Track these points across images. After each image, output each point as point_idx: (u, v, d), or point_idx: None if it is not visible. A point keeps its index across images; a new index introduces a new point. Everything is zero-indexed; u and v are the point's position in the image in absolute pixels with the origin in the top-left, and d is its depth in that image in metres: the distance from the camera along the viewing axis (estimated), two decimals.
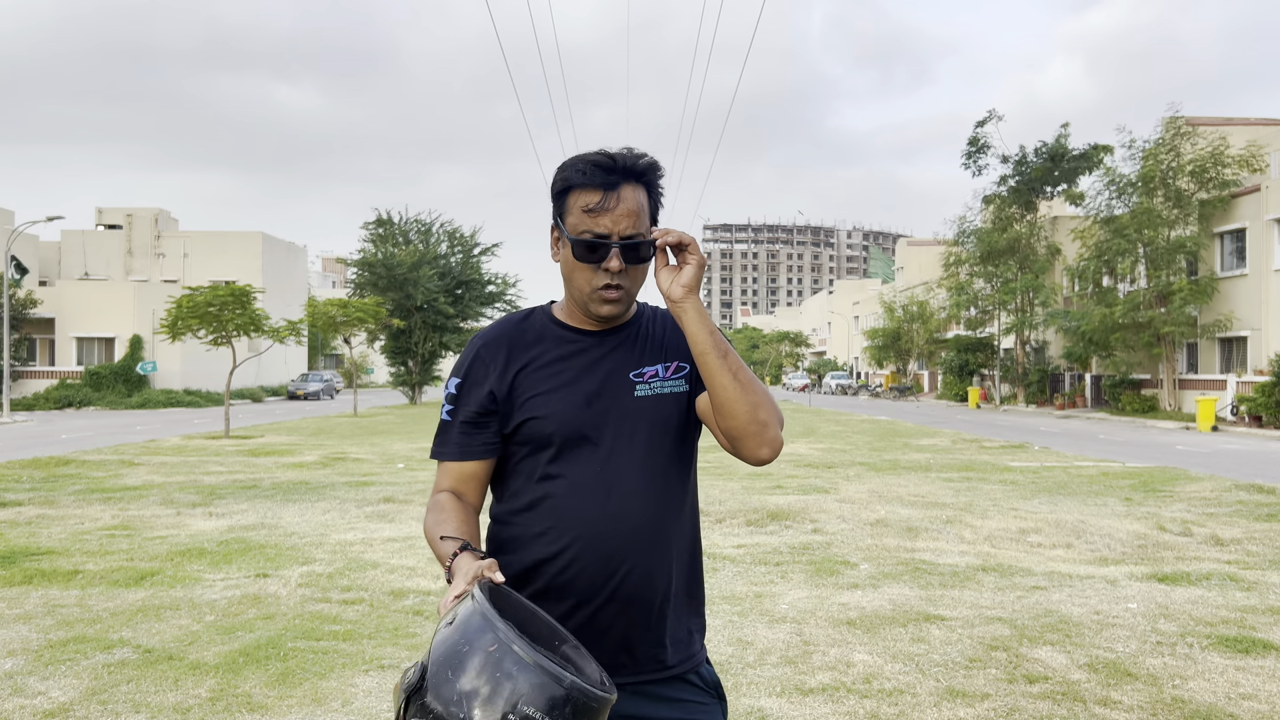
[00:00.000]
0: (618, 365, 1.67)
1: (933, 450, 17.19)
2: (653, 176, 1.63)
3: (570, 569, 1.59)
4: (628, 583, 1.59)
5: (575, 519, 1.60)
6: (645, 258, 1.61)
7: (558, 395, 1.63)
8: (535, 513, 1.63)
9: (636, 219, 1.58)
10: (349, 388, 57.92)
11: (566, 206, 1.61)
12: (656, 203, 1.65)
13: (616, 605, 1.59)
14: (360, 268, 39.94)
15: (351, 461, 14.83)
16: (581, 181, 1.58)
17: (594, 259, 1.59)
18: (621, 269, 1.58)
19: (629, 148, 1.62)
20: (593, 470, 1.61)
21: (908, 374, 58.84)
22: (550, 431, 1.62)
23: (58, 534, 8.13)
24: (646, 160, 1.62)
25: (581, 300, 1.64)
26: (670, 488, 1.66)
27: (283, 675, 4.37)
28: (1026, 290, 37.70)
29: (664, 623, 1.64)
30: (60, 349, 41.68)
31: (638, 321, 1.74)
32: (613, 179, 1.58)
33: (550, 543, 1.60)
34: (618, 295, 1.61)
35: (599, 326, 1.69)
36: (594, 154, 1.60)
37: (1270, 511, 9.50)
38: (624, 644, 1.61)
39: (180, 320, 21.66)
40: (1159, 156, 30.00)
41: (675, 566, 1.66)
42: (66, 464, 14.08)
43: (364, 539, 7.92)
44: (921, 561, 6.99)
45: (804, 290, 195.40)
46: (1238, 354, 29.09)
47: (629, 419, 1.64)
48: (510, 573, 1.61)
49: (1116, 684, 4.30)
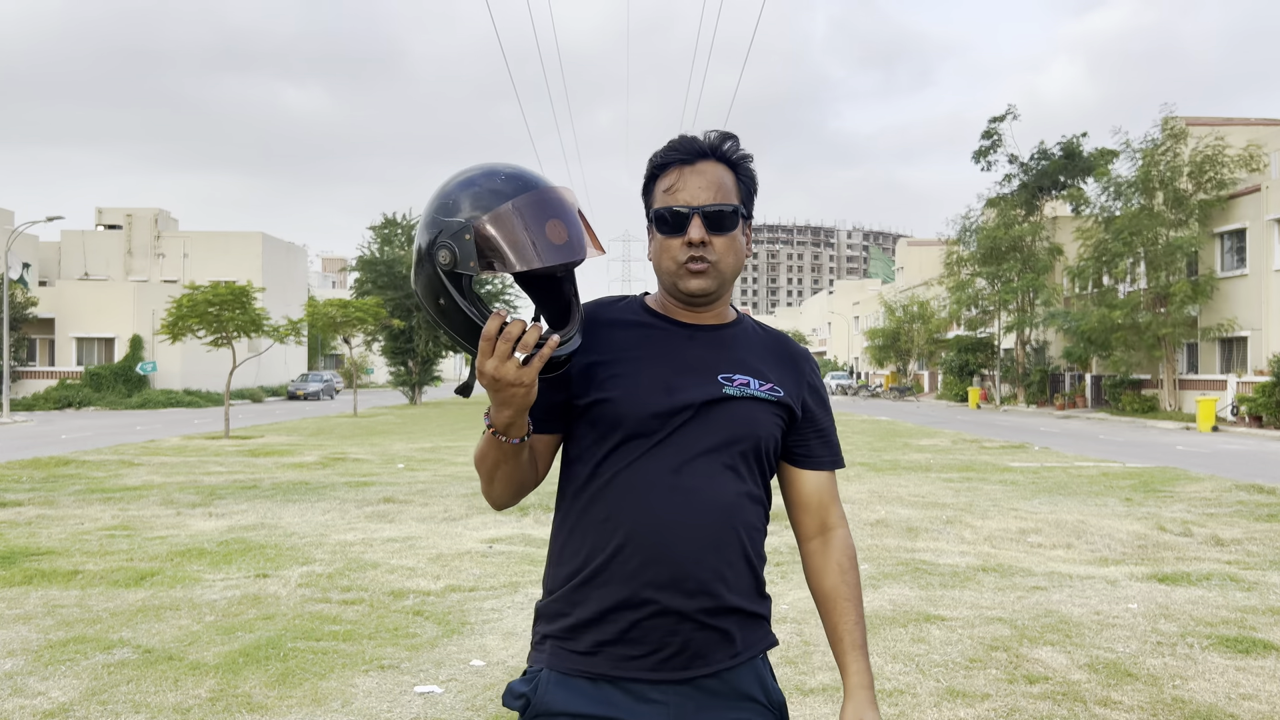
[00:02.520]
0: (707, 362, 1.57)
1: (933, 450, 17.19)
2: (733, 153, 1.59)
3: (631, 562, 1.49)
4: (687, 571, 1.48)
5: (637, 506, 1.49)
6: (730, 228, 1.55)
7: (636, 379, 1.53)
8: (600, 502, 1.53)
9: (718, 190, 1.54)
10: (349, 388, 57.89)
11: (653, 195, 1.59)
12: (748, 185, 1.61)
13: (676, 592, 1.48)
14: (362, 268, 39.97)
15: (351, 462, 14.82)
16: (660, 163, 1.58)
17: (675, 230, 1.54)
18: (704, 239, 1.52)
19: (714, 130, 1.60)
20: (663, 461, 1.50)
21: (908, 374, 58.83)
22: (622, 414, 1.52)
23: (58, 534, 8.13)
24: (723, 136, 1.59)
25: (670, 281, 1.57)
26: (741, 484, 1.55)
27: (283, 675, 4.37)
28: (1027, 290, 37.71)
29: (719, 619, 1.52)
30: (60, 349, 41.67)
31: (737, 326, 1.65)
32: (689, 156, 1.56)
33: (611, 533, 1.51)
34: (704, 267, 1.53)
35: (691, 319, 1.61)
36: (675, 138, 1.60)
37: (1270, 512, 9.50)
38: (681, 647, 1.50)
39: (180, 320, 21.65)
40: (1157, 157, 30.01)
41: (741, 564, 1.54)
42: (66, 464, 14.08)
43: (364, 539, 7.92)
44: (921, 562, 6.99)
45: (804, 290, 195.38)
46: (1238, 354, 29.09)
47: (710, 416, 1.53)
48: (573, 564, 1.54)
49: (1117, 684, 4.29)
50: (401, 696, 4.15)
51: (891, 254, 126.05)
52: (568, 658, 1.52)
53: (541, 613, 1.59)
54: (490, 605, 5.70)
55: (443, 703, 4.08)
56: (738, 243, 1.57)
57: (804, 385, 1.65)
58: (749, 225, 1.63)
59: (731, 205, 1.55)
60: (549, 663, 1.53)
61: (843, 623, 1.61)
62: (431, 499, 10.25)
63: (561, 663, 1.52)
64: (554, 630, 1.54)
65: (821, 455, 1.66)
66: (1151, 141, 30.38)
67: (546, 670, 1.52)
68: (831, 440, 1.68)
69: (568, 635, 1.53)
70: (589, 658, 1.51)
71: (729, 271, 1.57)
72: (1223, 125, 32.52)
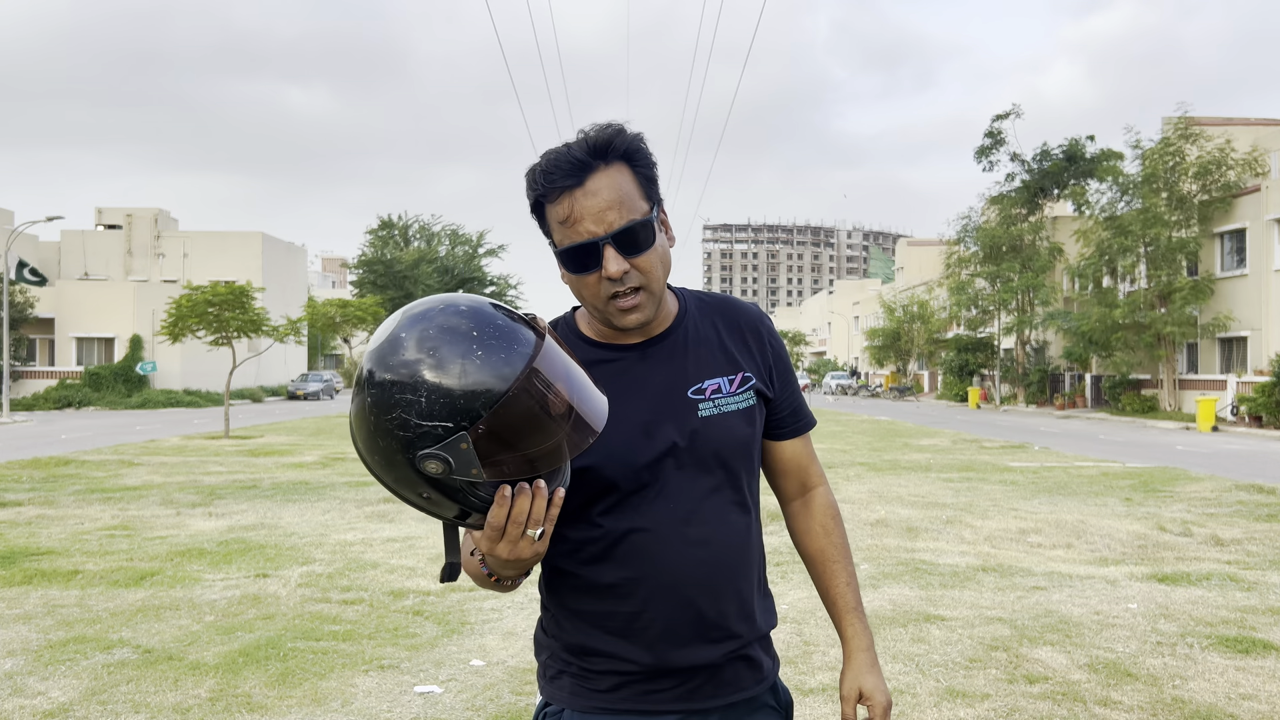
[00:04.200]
0: (671, 382, 1.43)
1: (933, 450, 17.19)
2: (621, 146, 1.35)
3: (652, 620, 1.40)
4: (712, 621, 1.42)
5: (653, 567, 1.39)
6: (649, 242, 1.35)
7: (610, 433, 1.31)
8: (606, 564, 1.41)
9: (620, 205, 1.33)
10: (349, 388, 57.89)
11: (547, 223, 1.38)
12: (647, 173, 1.38)
13: (702, 644, 1.42)
14: (361, 267, 40.00)
15: (351, 461, 14.82)
16: (544, 191, 1.35)
17: (589, 268, 1.35)
18: (625, 269, 1.34)
19: (593, 125, 1.37)
20: (665, 511, 1.40)
21: (908, 374, 58.84)
22: (610, 477, 1.38)
23: (58, 534, 8.13)
24: (609, 133, 1.35)
25: (602, 316, 1.41)
26: (745, 513, 1.48)
27: (282, 675, 4.37)
28: (1027, 290, 37.73)
29: (746, 650, 1.48)
30: (60, 349, 41.66)
31: (684, 320, 1.50)
32: (577, 176, 1.33)
33: (624, 597, 1.41)
34: (636, 301, 1.37)
35: (637, 338, 1.46)
36: (550, 152, 1.36)
37: (1270, 512, 9.50)
38: (708, 677, 1.44)
39: (181, 321, 21.65)
40: (1162, 157, 30.01)
41: (754, 592, 1.49)
42: (66, 464, 14.08)
43: (364, 539, 7.92)
44: (921, 562, 6.99)
45: (804, 290, 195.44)
46: (1238, 354, 29.09)
47: (697, 447, 1.41)
48: (583, 624, 1.45)
49: (1116, 684, 4.29)
50: (401, 696, 4.15)
51: (891, 254, 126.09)
52: (589, 695, 1.44)
53: (553, 639, 1.51)
54: (490, 605, 5.70)
55: (443, 703, 4.08)
56: (660, 249, 1.39)
57: (768, 353, 1.54)
58: (663, 212, 1.43)
59: (643, 217, 1.35)
60: (569, 702, 1.46)
61: (834, 586, 1.58)
62: None
63: (582, 701, 1.45)
64: (571, 666, 1.47)
65: (795, 423, 1.58)
66: (1163, 140, 30.34)
67: (569, 711, 1.45)
68: (800, 406, 1.59)
69: (586, 674, 1.45)
70: (611, 695, 1.44)
71: (662, 286, 1.40)
72: (1223, 125, 32.53)
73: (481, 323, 1.10)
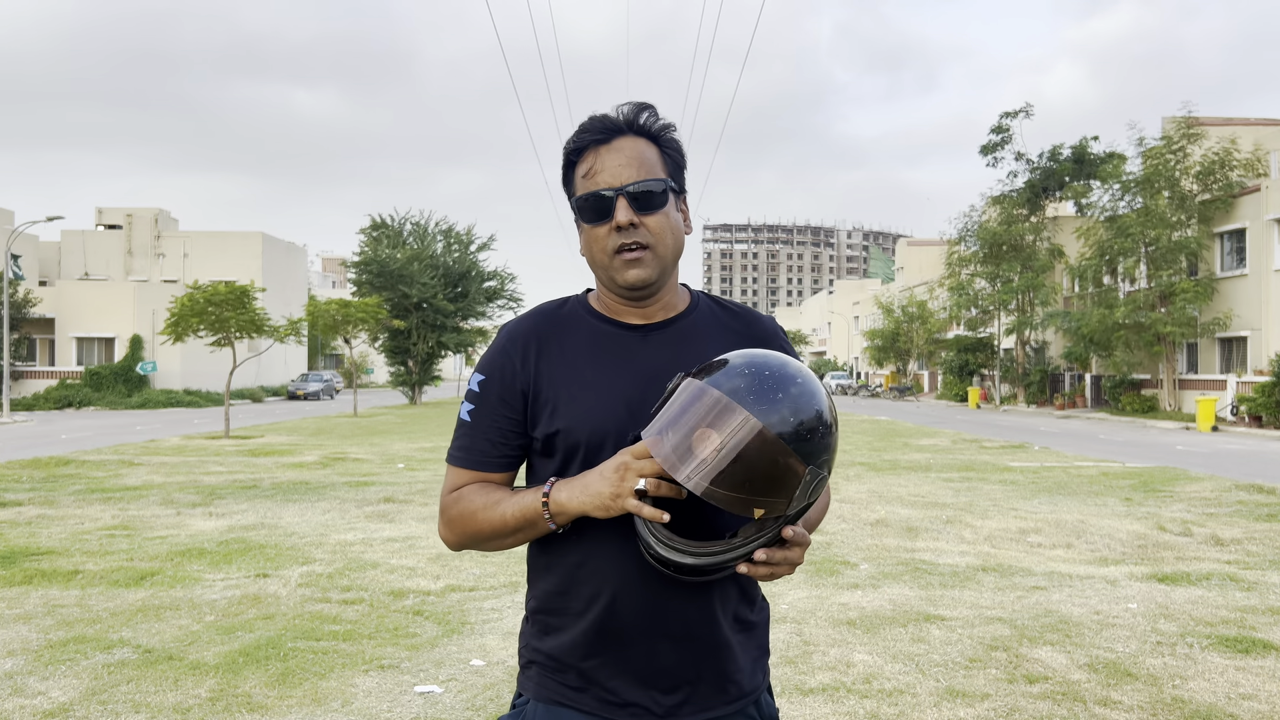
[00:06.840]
0: (665, 365, 1.43)
1: (933, 450, 17.19)
2: (652, 124, 1.45)
3: (614, 605, 1.40)
4: (682, 617, 1.40)
5: (624, 557, 1.38)
6: (660, 205, 1.42)
7: (591, 400, 1.41)
8: (575, 546, 1.42)
9: (640, 166, 1.42)
10: (349, 388, 57.89)
11: (574, 184, 1.47)
12: (674, 158, 1.48)
13: (671, 642, 1.41)
14: (357, 267, 39.97)
15: (351, 461, 14.82)
16: (575, 147, 1.45)
17: (601, 217, 1.41)
18: (634, 220, 1.40)
19: (628, 102, 1.46)
20: None
21: (908, 374, 58.84)
22: (581, 441, 1.41)
23: (58, 534, 8.13)
24: (638, 107, 1.45)
25: (605, 275, 1.45)
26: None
27: (283, 675, 4.37)
28: (1027, 290, 37.73)
29: (725, 654, 1.45)
30: (60, 349, 41.67)
31: (693, 314, 1.52)
32: (604, 135, 1.43)
33: (589, 580, 1.42)
34: (638, 254, 1.41)
35: (640, 317, 1.49)
36: (585, 120, 1.47)
37: (1270, 511, 9.50)
38: (686, 679, 1.42)
39: (182, 321, 21.66)
40: (1165, 157, 29.99)
41: (733, 592, 1.46)
42: (66, 464, 14.08)
43: (364, 539, 7.92)
44: (921, 561, 6.99)
45: (804, 290, 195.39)
46: (1238, 354, 29.09)
47: None
48: (550, 604, 1.48)
49: (1116, 684, 4.30)
50: (401, 696, 4.15)
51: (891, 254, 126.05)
52: (556, 689, 1.46)
53: (531, 624, 1.53)
54: (490, 605, 5.70)
55: (443, 702, 4.08)
56: (672, 220, 1.45)
57: None
58: (684, 200, 1.51)
59: (659, 180, 1.43)
60: (535, 692, 1.48)
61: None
62: (431, 499, 10.25)
63: (548, 693, 1.46)
64: (540, 653, 1.49)
65: None
66: (1165, 139, 30.32)
67: (534, 702, 1.47)
68: None
69: (555, 666, 1.46)
70: (579, 693, 1.44)
71: (669, 254, 1.45)
72: (1224, 125, 32.53)
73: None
